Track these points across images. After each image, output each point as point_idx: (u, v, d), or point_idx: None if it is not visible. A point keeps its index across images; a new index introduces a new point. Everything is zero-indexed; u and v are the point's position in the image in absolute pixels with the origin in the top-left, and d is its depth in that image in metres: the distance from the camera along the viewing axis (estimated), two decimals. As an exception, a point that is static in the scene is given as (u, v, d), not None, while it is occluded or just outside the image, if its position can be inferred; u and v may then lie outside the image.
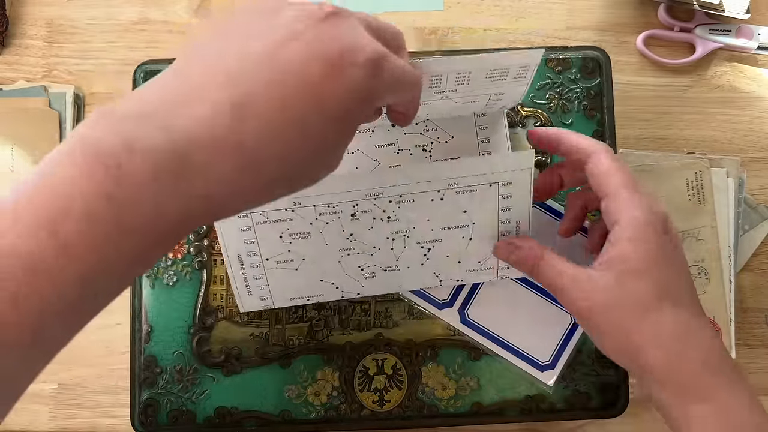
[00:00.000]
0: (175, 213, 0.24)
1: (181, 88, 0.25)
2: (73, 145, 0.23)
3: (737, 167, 0.54)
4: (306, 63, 0.26)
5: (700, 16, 0.56)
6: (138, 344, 0.46)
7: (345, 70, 0.26)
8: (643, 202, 0.36)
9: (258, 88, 0.25)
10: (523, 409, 0.45)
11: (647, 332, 0.35)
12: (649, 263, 0.35)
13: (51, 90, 0.55)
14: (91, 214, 0.23)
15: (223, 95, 0.25)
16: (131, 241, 0.24)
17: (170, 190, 0.24)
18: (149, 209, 0.23)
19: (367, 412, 0.45)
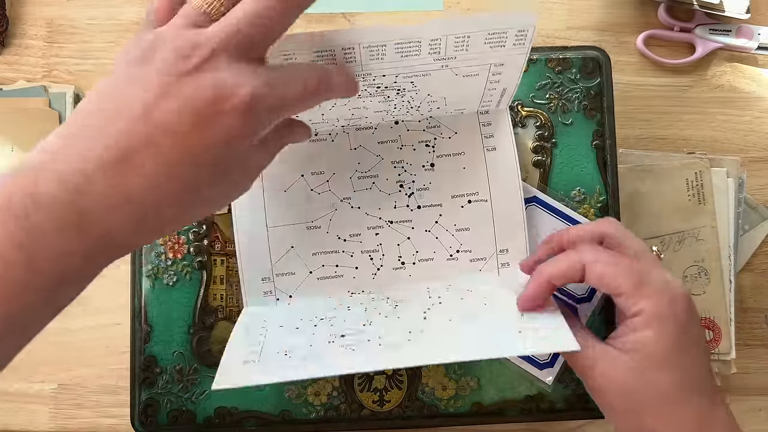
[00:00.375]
0: (80, 256, 0.28)
1: (76, 146, 0.28)
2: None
3: (737, 167, 0.54)
4: (177, 118, 0.28)
5: (700, 16, 0.56)
6: (138, 344, 0.46)
7: (214, 120, 0.28)
8: (661, 293, 0.36)
9: (138, 145, 0.28)
10: (523, 409, 0.45)
11: (669, 422, 0.35)
12: (671, 353, 0.36)
13: (51, 90, 0.55)
14: (5, 260, 0.26)
15: (109, 154, 0.28)
16: (42, 282, 0.27)
17: (74, 238, 0.27)
18: (56, 254, 0.27)
19: (367, 412, 0.45)
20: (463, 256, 0.45)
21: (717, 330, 0.53)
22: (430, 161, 0.45)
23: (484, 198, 0.45)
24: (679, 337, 0.36)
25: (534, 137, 0.47)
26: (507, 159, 0.45)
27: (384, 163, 0.45)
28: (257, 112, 0.29)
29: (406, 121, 0.45)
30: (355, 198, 0.45)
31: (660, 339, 0.36)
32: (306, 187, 0.45)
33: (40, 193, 0.27)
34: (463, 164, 0.45)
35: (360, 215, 0.45)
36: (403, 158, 0.45)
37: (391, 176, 0.45)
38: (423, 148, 0.45)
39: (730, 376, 0.53)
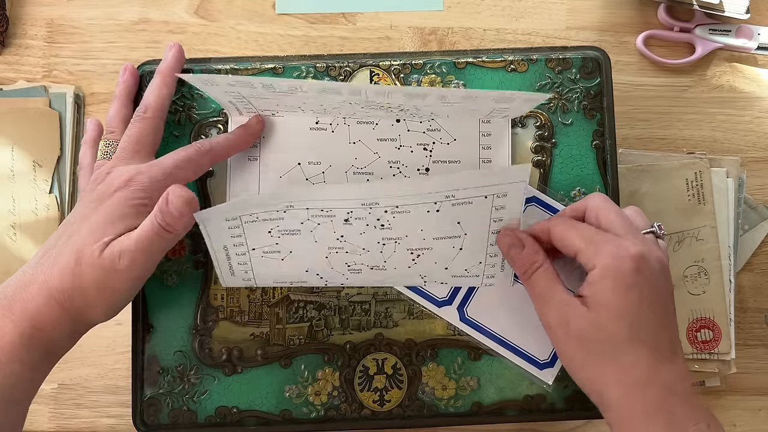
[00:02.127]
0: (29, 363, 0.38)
1: (26, 287, 0.39)
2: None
3: (737, 167, 0.54)
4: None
5: (700, 16, 0.56)
6: (139, 344, 0.46)
7: (81, 269, 0.38)
8: (609, 251, 0.37)
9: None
10: (523, 409, 0.45)
11: (612, 372, 0.37)
12: (622, 306, 0.37)
13: (51, 90, 0.55)
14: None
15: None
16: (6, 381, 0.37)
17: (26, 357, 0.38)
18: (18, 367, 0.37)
19: (367, 412, 0.45)
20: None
21: (717, 330, 0.53)
22: (426, 165, 0.45)
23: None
24: (630, 291, 0.37)
25: (534, 137, 0.47)
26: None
27: (380, 162, 0.45)
28: (141, 184, 0.41)
29: (407, 120, 0.45)
30: None
31: (608, 292, 0.37)
32: (302, 175, 0.45)
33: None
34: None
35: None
36: (400, 159, 0.45)
37: (386, 175, 0.45)
38: (420, 152, 0.45)
39: (730, 376, 0.53)
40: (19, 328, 0.37)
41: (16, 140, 0.54)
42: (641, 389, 0.36)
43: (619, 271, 0.37)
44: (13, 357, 0.37)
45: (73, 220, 0.40)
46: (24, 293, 0.38)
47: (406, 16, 0.57)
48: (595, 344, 0.37)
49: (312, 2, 0.57)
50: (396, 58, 0.47)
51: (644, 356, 0.37)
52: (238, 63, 0.47)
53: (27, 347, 0.37)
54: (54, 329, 0.38)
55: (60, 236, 0.40)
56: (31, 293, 0.38)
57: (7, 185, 0.54)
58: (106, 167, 0.42)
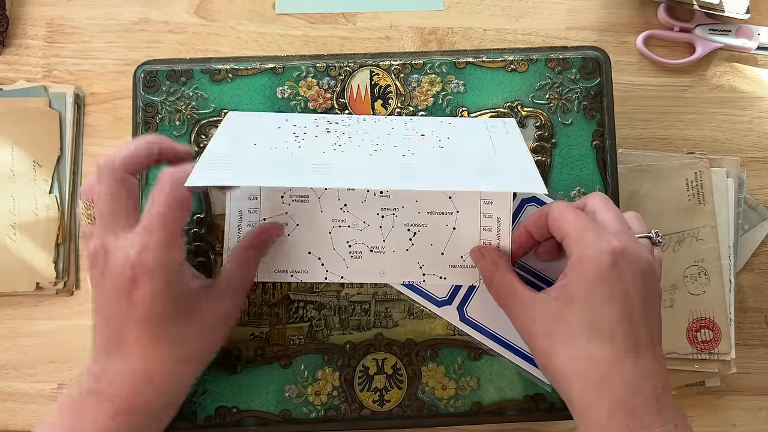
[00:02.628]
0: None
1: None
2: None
3: (737, 167, 0.54)
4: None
5: (700, 16, 0.56)
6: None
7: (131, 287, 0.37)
8: (592, 240, 0.36)
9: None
10: (522, 408, 0.45)
11: (573, 366, 0.36)
12: (587, 295, 0.36)
13: (51, 90, 0.55)
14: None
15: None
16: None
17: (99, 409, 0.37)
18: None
19: (367, 412, 0.45)
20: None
21: (717, 330, 0.53)
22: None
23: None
24: (600, 284, 0.36)
25: (534, 137, 0.47)
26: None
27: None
28: (158, 257, 0.36)
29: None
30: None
31: (580, 281, 0.36)
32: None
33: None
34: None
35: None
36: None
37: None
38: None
39: (730, 376, 0.53)
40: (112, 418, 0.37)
41: (16, 140, 0.54)
42: (601, 389, 0.35)
43: (594, 262, 0.36)
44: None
45: (98, 311, 0.38)
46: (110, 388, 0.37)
47: (406, 16, 0.57)
48: (558, 337, 0.36)
49: (312, 2, 0.57)
50: (396, 58, 0.47)
51: (606, 353, 0.35)
52: (238, 63, 0.47)
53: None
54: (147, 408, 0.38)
55: (97, 329, 0.39)
56: (116, 384, 0.37)
57: (7, 185, 0.54)
58: (98, 241, 0.37)
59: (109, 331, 0.38)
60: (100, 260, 0.37)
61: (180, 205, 0.36)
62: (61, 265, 0.54)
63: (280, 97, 0.47)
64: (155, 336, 0.37)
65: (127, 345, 0.37)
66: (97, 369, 0.38)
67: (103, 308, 0.38)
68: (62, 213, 0.54)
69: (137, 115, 0.47)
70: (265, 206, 0.44)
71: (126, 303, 0.36)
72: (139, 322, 0.36)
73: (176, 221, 0.36)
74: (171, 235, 0.36)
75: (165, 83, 0.47)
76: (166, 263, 0.36)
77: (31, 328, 0.54)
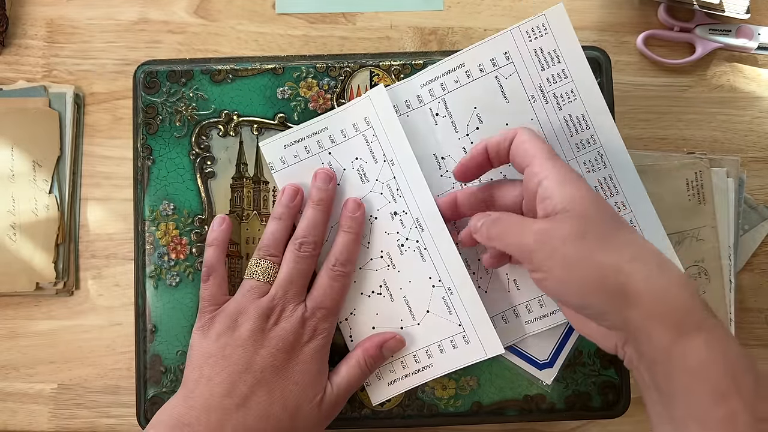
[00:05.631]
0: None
1: (202, 407, 0.39)
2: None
3: (737, 167, 0.54)
4: (273, 359, 0.41)
5: (700, 16, 0.56)
6: (142, 343, 0.46)
7: (301, 350, 0.42)
8: (565, 165, 0.36)
9: (252, 387, 0.40)
10: (522, 408, 0.46)
11: (623, 249, 0.33)
12: (597, 198, 0.35)
13: (51, 90, 0.55)
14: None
15: (229, 402, 0.40)
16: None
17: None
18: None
19: (367, 411, 0.45)
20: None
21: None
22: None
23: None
24: (585, 186, 0.35)
25: (534, 137, 0.47)
26: None
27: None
28: (323, 327, 0.42)
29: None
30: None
31: (583, 188, 0.35)
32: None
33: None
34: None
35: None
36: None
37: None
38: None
39: (730, 375, 0.53)
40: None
41: (16, 140, 0.54)
42: (660, 256, 0.33)
43: (574, 176, 0.36)
44: None
45: (259, 365, 0.40)
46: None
47: (406, 16, 0.57)
48: (592, 235, 0.33)
49: (312, 2, 0.57)
50: (396, 58, 0.47)
51: (638, 235, 0.35)
52: (238, 63, 0.47)
53: None
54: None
55: (244, 380, 0.40)
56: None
57: (7, 185, 0.54)
58: (277, 304, 0.41)
59: None
60: (271, 313, 0.42)
61: None
62: (61, 265, 0.54)
63: (280, 97, 0.47)
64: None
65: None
66: None
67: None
68: (62, 213, 0.54)
69: (137, 116, 0.47)
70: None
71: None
72: None
73: None
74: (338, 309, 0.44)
75: (165, 84, 0.47)
76: None
77: (31, 328, 0.54)
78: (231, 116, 0.46)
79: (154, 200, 0.46)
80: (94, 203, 0.55)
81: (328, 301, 0.42)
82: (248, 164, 0.46)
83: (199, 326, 0.42)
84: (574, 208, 0.34)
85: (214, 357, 0.40)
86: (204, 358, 0.40)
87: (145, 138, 0.46)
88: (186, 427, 0.38)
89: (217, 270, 0.43)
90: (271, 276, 0.42)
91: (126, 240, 0.54)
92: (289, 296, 0.42)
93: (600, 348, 0.38)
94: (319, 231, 0.43)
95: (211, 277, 0.43)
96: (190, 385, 0.40)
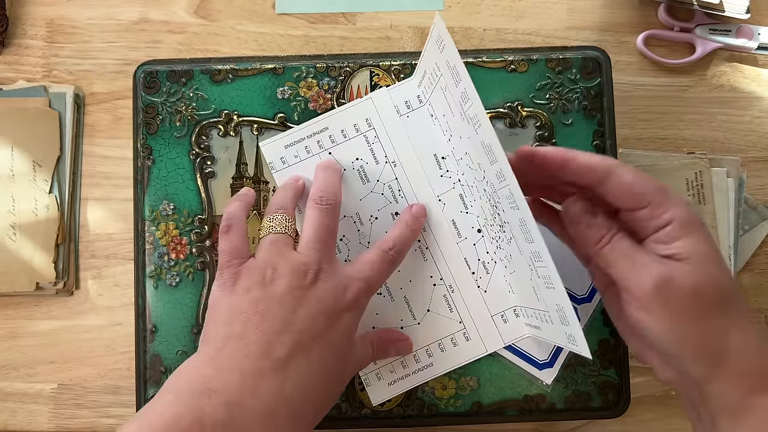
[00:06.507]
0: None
1: (231, 369, 0.34)
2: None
3: (737, 167, 0.54)
4: (313, 323, 0.37)
5: (700, 16, 0.56)
6: (142, 343, 0.46)
7: (339, 316, 0.38)
8: (683, 201, 0.35)
9: (291, 352, 0.35)
10: (522, 408, 0.46)
11: (731, 326, 0.34)
12: (719, 257, 0.35)
13: (51, 90, 0.55)
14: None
15: (267, 365, 0.34)
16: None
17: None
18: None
19: (367, 411, 0.45)
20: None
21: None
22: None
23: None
24: (712, 242, 0.35)
25: (534, 137, 0.47)
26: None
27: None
28: (363, 302, 0.39)
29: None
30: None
31: (706, 240, 0.34)
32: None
33: (205, 415, 0.32)
34: None
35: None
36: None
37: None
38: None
39: (730, 375, 0.53)
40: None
41: (16, 140, 0.54)
42: (758, 332, 0.34)
43: (696, 219, 0.34)
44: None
45: (298, 326, 0.35)
46: (255, 407, 0.33)
47: (406, 16, 0.57)
48: (710, 298, 0.34)
49: (312, 2, 0.57)
50: (396, 58, 0.47)
51: (744, 304, 0.35)
52: (238, 63, 0.47)
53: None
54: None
55: (282, 341, 0.35)
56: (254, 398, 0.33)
57: (7, 185, 0.54)
58: (312, 261, 0.37)
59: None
60: (307, 271, 0.38)
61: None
62: (61, 265, 0.54)
63: (280, 97, 0.47)
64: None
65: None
66: None
67: None
68: (62, 213, 0.54)
69: (137, 116, 0.47)
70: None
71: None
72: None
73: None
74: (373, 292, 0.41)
75: (165, 84, 0.47)
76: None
77: (31, 328, 0.54)
78: (231, 116, 0.46)
79: (154, 200, 0.46)
80: (94, 203, 0.55)
81: (374, 276, 0.39)
82: (248, 164, 0.46)
83: (220, 283, 0.37)
84: (698, 261, 0.34)
85: (246, 313, 0.35)
86: (235, 314, 0.35)
87: (145, 138, 0.46)
88: (214, 393, 0.33)
89: (240, 221, 0.39)
90: (289, 228, 0.39)
91: (126, 240, 0.54)
92: (322, 254, 0.38)
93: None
94: (336, 189, 0.41)
95: (232, 228, 0.39)
96: (218, 344, 0.35)
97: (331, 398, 0.38)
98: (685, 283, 0.34)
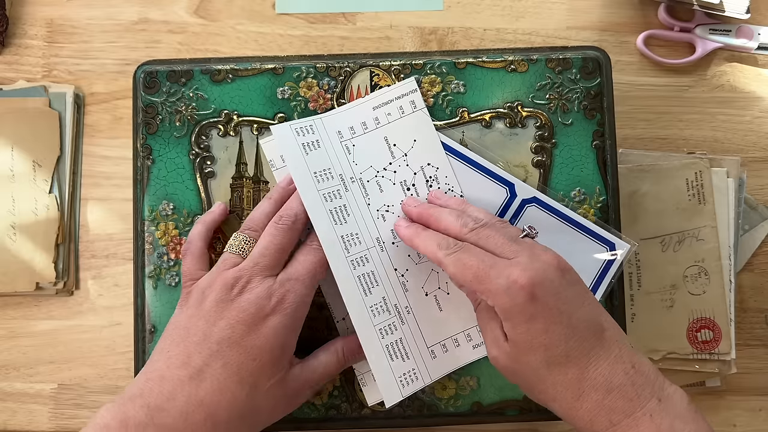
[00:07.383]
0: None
1: (160, 377, 0.38)
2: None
3: (737, 167, 0.54)
4: (231, 332, 0.39)
5: (700, 16, 0.56)
6: (142, 343, 0.46)
7: (261, 323, 0.40)
8: (500, 285, 0.36)
9: (207, 359, 0.39)
10: (523, 408, 0.45)
11: (550, 397, 0.37)
12: (530, 337, 0.36)
13: (51, 90, 0.55)
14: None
15: (185, 373, 0.38)
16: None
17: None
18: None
19: (367, 411, 0.45)
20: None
21: (717, 330, 0.53)
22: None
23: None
24: (533, 322, 0.36)
25: (534, 137, 0.47)
26: None
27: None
28: (290, 303, 0.40)
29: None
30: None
31: (516, 328, 0.36)
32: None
33: (128, 417, 0.36)
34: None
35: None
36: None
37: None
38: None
39: (731, 376, 0.53)
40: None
41: (16, 140, 0.54)
42: (578, 402, 0.36)
43: (516, 308, 0.36)
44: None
45: (216, 337, 0.39)
46: (171, 410, 0.37)
47: (406, 16, 0.57)
48: (522, 376, 0.38)
49: (312, 2, 0.57)
50: (396, 58, 0.47)
51: (571, 371, 0.36)
52: (238, 63, 0.47)
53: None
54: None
55: (199, 351, 0.39)
56: (183, 414, 0.37)
57: (7, 185, 0.54)
58: (243, 275, 0.40)
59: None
60: (235, 285, 0.40)
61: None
62: (61, 265, 0.54)
63: (280, 97, 0.47)
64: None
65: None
66: None
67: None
68: (62, 213, 0.54)
69: (137, 116, 0.47)
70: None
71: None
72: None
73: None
74: (313, 287, 0.43)
75: (165, 84, 0.47)
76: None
77: (31, 328, 0.54)
78: (231, 116, 0.46)
79: (154, 200, 0.46)
80: (94, 203, 0.55)
81: (300, 270, 0.41)
82: (248, 164, 0.46)
83: (179, 302, 0.42)
84: (515, 346, 0.37)
85: (177, 329, 0.40)
86: (170, 331, 0.40)
87: (144, 138, 0.46)
88: (138, 398, 0.37)
89: (194, 245, 0.43)
90: (245, 250, 0.41)
91: (126, 240, 0.54)
92: (259, 268, 0.40)
93: None
94: (297, 209, 0.42)
95: (188, 252, 0.43)
96: (153, 357, 0.40)
97: (274, 401, 0.40)
98: (503, 363, 0.38)
